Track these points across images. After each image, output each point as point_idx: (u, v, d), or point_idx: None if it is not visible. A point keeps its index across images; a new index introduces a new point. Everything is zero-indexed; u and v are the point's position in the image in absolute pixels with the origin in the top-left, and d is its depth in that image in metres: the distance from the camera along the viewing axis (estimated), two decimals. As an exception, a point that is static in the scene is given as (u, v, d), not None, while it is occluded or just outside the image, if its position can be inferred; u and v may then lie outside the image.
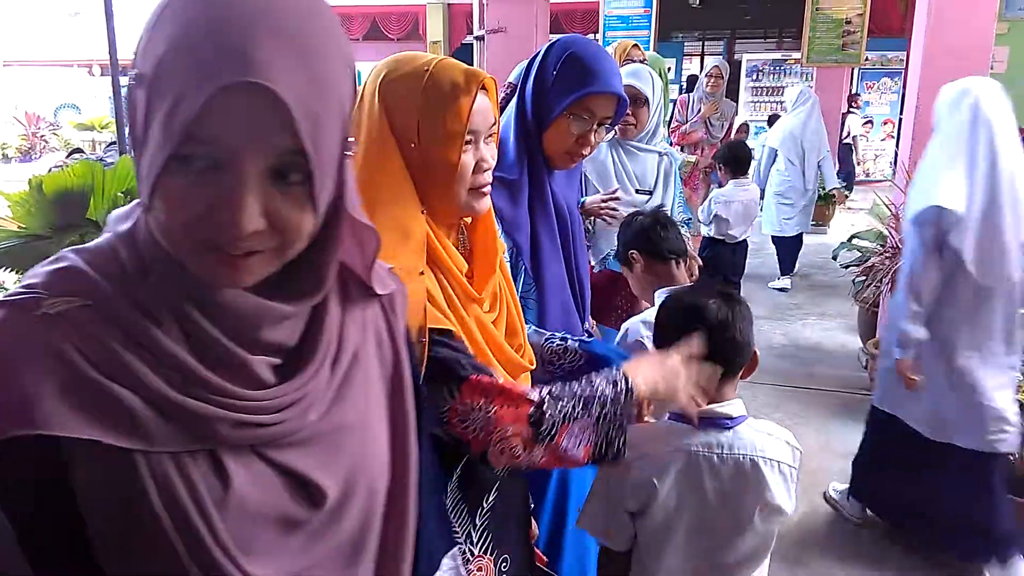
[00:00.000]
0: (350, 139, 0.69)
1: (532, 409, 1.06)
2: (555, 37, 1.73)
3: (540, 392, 1.09)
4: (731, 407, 1.39)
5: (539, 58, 1.65)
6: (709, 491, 1.35)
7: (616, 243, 2.67)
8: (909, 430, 2.59)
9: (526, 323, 1.39)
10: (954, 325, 2.43)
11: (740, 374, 1.40)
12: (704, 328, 1.31)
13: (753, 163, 5.37)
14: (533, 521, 1.47)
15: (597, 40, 6.90)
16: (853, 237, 4.76)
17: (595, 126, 1.61)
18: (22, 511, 0.61)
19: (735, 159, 4.67)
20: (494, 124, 1.16)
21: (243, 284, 0.65)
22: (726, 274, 4.57)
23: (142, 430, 0.61)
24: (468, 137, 1.10)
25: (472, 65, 1.30)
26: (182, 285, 0.65)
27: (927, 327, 2.45)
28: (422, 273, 1.06)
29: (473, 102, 1.08)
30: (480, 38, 4.66)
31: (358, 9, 13.96)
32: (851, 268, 4.57)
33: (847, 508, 2.98)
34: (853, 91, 11.39)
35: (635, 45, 3.84)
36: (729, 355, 1.36)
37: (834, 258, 5.11)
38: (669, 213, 2.75)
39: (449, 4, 13.42)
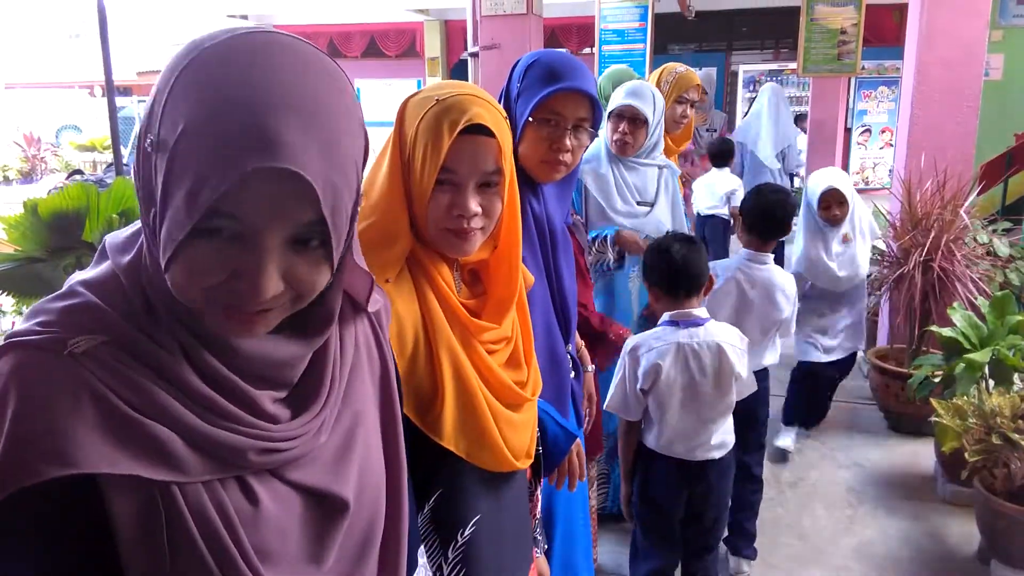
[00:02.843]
0: (360, 195, 0.71)
1: None
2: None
3: None
4: (700, 312, 2.12)
5: (507, 78, 1.65)
6: (693, 368, 2.08)
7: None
8: None
9: None
10: None
11: (703, 292, 2.15)
12: (671, 265, 2.09)
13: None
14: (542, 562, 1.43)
15: (592, 54, 6.91)
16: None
17: (570, 129, 1.57)
18: (60, 554, 0.62)
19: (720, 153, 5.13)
20: (496, 173, 1.10)
21: (256, 336, 0.68)
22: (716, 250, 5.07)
23: (177, 462, 0.63)
24: (444, 177, 1.08)
25: (467, 81, 1.29)
26: (193, 328, 0.66)
27: None
28: (388, 280, 1.08)
29: (454, 142, 1.05)
30: (474, 55, 4.66)
31: (356, 27, 14.04)
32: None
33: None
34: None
35: (697, 85, 3.34)
36: (692, 281, 2.10)
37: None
38: (674, 226, 2.78)
39: (446, 21, 13.49)
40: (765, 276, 2.65)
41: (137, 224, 0.70)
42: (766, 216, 2.66)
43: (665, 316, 2.15)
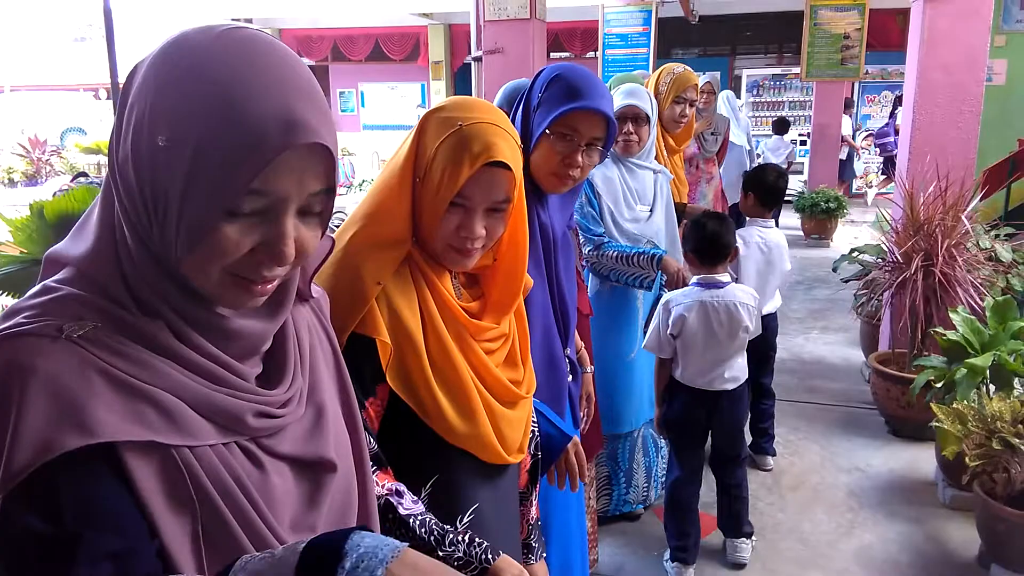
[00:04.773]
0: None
1: None
2: (552, 58, 1.74)
3: None
4: (723, 277, 2.64)
5: (529, 86, 1.67)
6: (712, 320, 2.60)
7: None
8: None
9: None
10: None
11: (728, 260, 2.67)
12: (706, 238, 2.61)
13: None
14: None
15: (596, 58, 6.93)
16: (854, 250, 4.75)
17: (583, 146, 1.60)
18: (87, 523, 0.63)
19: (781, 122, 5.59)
20: (506, 202, 1.15)
21: (255, 306, 0.74)
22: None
23: (188, 427, 0.68)
24: (457, 200, 1.12)
25: (470, 87, 1.31)
26: (176, 307, 0.70)
27: None
28: (379, 284, 1.12)
29: (472, 174, 1.09)
30: (478, 59, 4.67)
31: (361, 31, 14.09)
32: (852, 282, 4.56)
33: None
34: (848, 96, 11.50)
35: (694, 85, 3.37)
36: (719, 251, 2.62)
37: (835, 270, 5.10)
38: (667, 228, 2.80)
39: (450, 25, 13.53)
40: (774, 236, 3.38)
41: (75, 230, 0.74)
42: (767, 188, 3.40)
43: (694, 278, 2.65)
